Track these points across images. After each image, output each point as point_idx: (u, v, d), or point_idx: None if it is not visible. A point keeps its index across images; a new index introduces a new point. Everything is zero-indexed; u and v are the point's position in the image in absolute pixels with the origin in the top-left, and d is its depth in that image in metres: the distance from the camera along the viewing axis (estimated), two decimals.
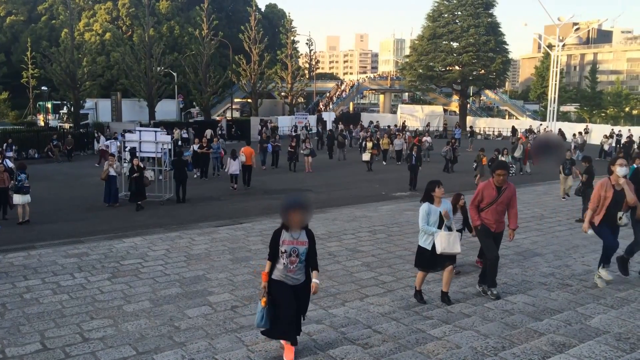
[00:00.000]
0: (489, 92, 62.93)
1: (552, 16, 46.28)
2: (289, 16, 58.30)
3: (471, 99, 62.60)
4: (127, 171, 16.77)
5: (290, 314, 5.20)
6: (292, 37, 54.04)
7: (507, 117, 61.85)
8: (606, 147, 30.47)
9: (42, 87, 45.59)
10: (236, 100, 58.34)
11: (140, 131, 18.18)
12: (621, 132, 36.41)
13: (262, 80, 48.37)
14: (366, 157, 24.33)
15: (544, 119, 49.70)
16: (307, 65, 61.02)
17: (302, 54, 65.22)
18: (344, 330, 6.01)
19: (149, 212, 15.09)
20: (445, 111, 58.77)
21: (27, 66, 51.39)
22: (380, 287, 7.89)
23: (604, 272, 7.20)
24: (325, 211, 14.09)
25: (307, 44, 59.25)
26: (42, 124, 43.11)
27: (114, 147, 22.84)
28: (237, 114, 56.26)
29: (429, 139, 30.78)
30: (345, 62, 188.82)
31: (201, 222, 13.23)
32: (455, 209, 8.03)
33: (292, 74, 51.87)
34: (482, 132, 48.91)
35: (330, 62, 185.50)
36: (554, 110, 45.66)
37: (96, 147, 29.14)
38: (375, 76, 77.92)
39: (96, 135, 31.12)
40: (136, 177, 15.47)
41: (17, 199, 13.31)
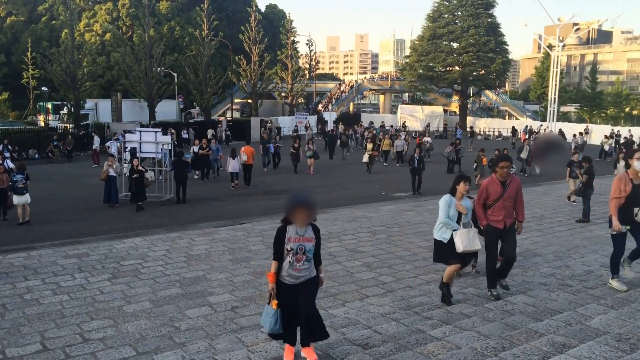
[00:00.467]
0: (489, 92, 62.97)
1: (552, 16, 46.29)
2: (289, 16, 58.35)
3: (471, 99, 62.62)
4: (127, 172, 16.79)
5: (290, 316, 5.05)
6: (292, 38, 54.06)
7: (507, 117, 61.90)
8: (606, 148, 30.51)
9: (43, 88, 45.55)
10: (236, 100, 58.35)
11: (140, 132, 18.20)
12: (620, 132, 36.43)
13: (262, 80, 48.39)
14: (365, 159, 23.98)
15: (544, 119, 49.74)
16: (307, 65, 61.03)
17: (302, 55, 65.26)
18: (344, 330, 6.00)
19: (149, 213, 15.10)
20: (445, 111, 58.83)
21: (28, 67, 51.38)
22: (380, 287, 7.88)
23: (616, 283, 7.02)
24: (325, 211, 14.08)
25: (307, 44, 59.37)
26: (43, 124, 43.13)
27: (114, 147, 22.84)
28: (237, 115, 56.28)
29: (429, 139, 30.76)
30: (345, 62, 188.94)
31: (201, 223, 13.23)
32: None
33: (292, 75, 51.89)
34: (482, 132, 48.94)
35: (330, 63, 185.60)
36: (554, 110, 45.70)
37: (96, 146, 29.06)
38: (375, 76, 77.95)
39: (92, 135, 30.93)
40: (136, 178, 15.48)
41: (15, 199, 13.35)
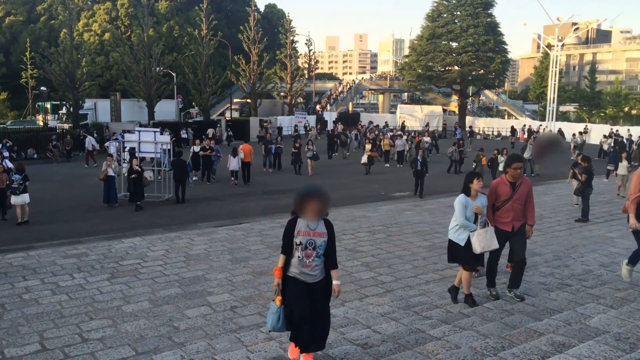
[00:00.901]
0: (488, 92, 63.02)
1: (551, 16, 46.43)
2: (288, 16, 58.40)
3: (470, 99, 62.67)
4: (126, 172, 16.77)
5: (304, 315, 4.64)
6: (292, 37, 54.05)
7: (506, 117, 61.93)
8: (605, 147, 30.50)
9: (41, 88, 45.54)
10: (235, 100, 58.32)
11: (139, 131, 18.19)
12: (619, 131, 36.47)
13: (262, 80, 48.39)
14: (364, 160, 23.27)
15: (543, 118, 49.78)
16: (307, 65, 61.05)
17: (301, 54, 65.26)
18: (343, 330, 6.00)
19: (148, 213, 15.08)
20: (444, 111, 58.82)
21: (26, 66, 51.38)
22: (379, 287, 7.87)
23: (625, 270, 6.93)
24: None
25: (306, 44, 59.54)
26: (42, 124, 43.10)
27: (113, 147, 22.82)
28: (236, 114, 56.26)
29: (428, 139, 30.74)
30: (344, 62, 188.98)
31: (200, 223, 13.22)
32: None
33: (292, 74, 51.90)
34: (481, 132, 48.96)
35: (329, 62, 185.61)
36: (553, 110, 45.73)
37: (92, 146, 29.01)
38: (374, 76, 77.95)
39: (84, 135, 30.73)
40: (134, 178, 15.46)
41: (12, 199, 13.34)
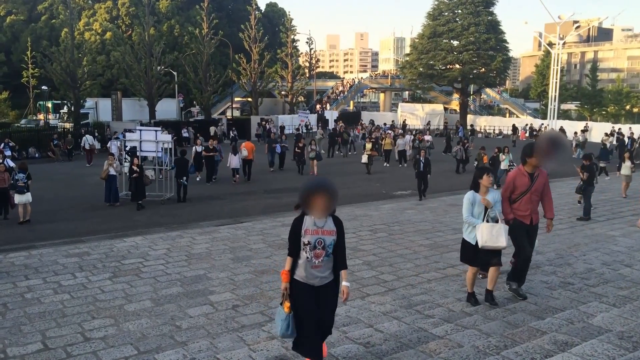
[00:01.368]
0: (489, 90, 62.99)
1: (552, 14, 46.33)
2: (289, 15, 58.43)
3: (472, 97, 62.62)
4: (127, 171, 16.77)
5: (312, 325, 4.43)
6: (292, 36, 54.05)
7: (507, 115, 61.87)
8: (608, 145, 30.39)
9: (43, 87, 45.53)
10: (236, 99, 58.34)
11: (140, 130, 18.18)
12: (621, 129, 36.41)
13: (263, 79, 48.40)
14: (364, 159, 22.91)
15: (545, 117, 49.71)
16: (307, 64, 61.07)
17: (302, 53, 65.26)
18: (345, 329, 5.99)
19: (149, 212, 15.09)
20: (445, 109, 58.83)
21: (27, 66, 51.34)
22: (381, 286, 7.86)
23: None
24: None
25: (307, 42, 59.39)
26: (43, 123, 43.13)
27: (114, 146, 22.82)
28: (237, 113, 56.27)
29: (430, 137, 30.73)
30: (345, 60, 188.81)
31: (202, 222, 13.21)
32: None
33: (292, 73, 51.91)
34: (482, 130, 48.93)
35: (330, 61, 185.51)
36: (554, 108, 45.69)
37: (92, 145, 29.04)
38: (375, 75, 77.90)
39: (83, 133, 30.59)
40: (136, 177, 15.46)
41: (16, 198, 13.38)
